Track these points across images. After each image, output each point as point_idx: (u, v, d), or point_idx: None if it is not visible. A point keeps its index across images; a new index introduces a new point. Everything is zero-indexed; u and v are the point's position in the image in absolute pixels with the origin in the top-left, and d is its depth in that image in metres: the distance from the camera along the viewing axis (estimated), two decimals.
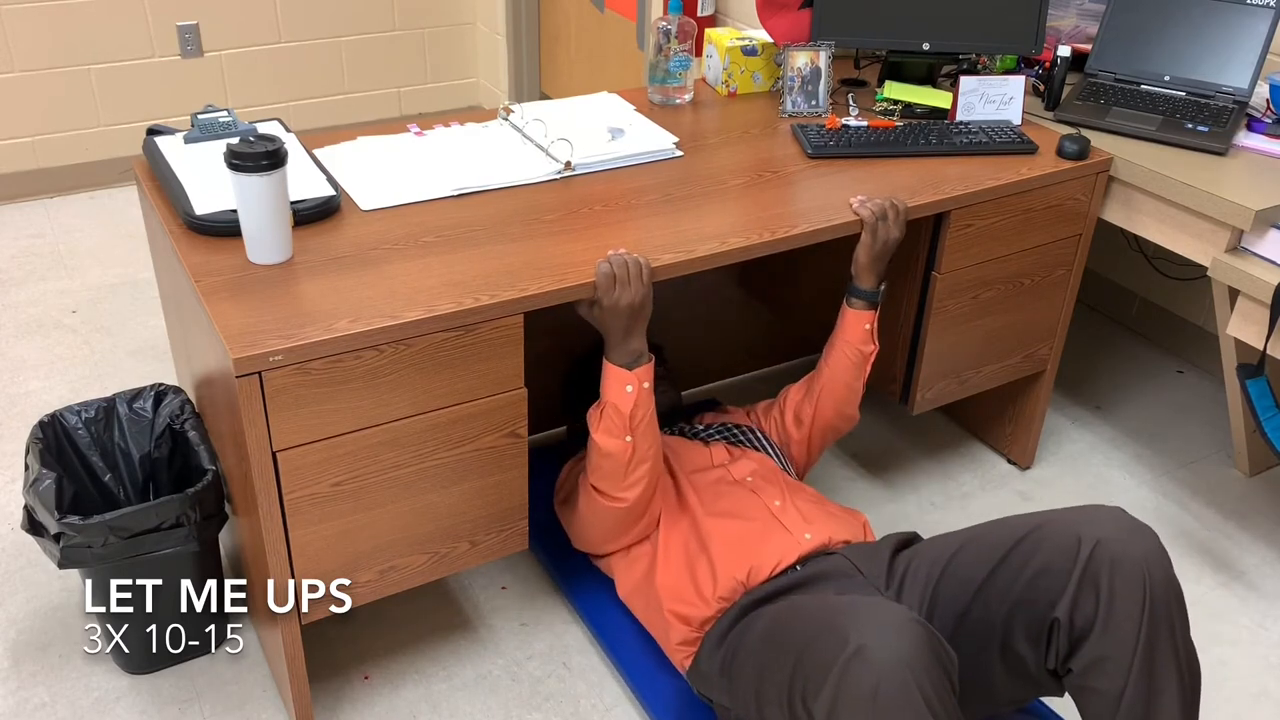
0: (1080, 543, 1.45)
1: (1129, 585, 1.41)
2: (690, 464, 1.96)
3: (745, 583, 1.72)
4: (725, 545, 1.77)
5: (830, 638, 1.36)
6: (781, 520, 1.80)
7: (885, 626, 1.33)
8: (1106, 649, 1.41)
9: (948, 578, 1.59)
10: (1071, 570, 1.44)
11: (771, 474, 1.94)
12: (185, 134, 1.92)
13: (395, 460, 1.62)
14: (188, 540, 1.78)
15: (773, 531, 1.78)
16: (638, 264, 1.65)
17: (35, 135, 3.67)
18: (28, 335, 2.91)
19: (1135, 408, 2.78)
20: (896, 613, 1.36)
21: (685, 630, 1.77)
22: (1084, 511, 1.51)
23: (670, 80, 2.26)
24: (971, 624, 1.55)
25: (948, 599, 1.58)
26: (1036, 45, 2.24)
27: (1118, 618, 1.41)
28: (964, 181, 1.99)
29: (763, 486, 1.89)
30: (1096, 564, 1.43)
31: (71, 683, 1.93)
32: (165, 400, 1.97)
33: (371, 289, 1.59)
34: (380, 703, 1.92)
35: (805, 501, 1.88)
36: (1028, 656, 1.50)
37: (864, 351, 1.95)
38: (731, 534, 1.79)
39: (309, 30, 3.98)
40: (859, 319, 1.94)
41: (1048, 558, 1.48)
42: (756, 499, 1.86)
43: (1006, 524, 1.58)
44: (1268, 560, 2.31)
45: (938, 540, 1.68)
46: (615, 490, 1.78)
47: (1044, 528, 1.51)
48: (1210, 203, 1.93)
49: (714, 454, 1.99)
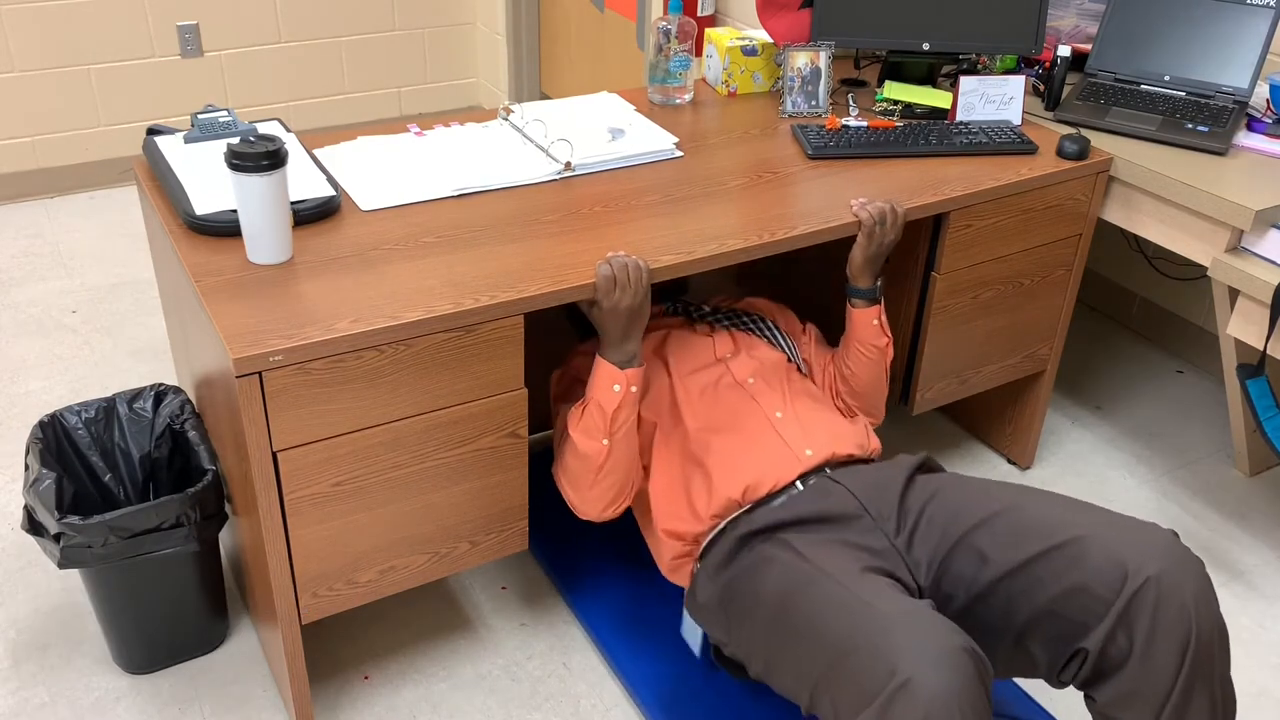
0: (1126, 576, 1.37)
1: (1173, 629, 1.35)
2: (688, 361, 1.86)
3: (741, 500, 1.66)
4: (720, 460, 1.70)
5: (871, 659, 1.29)
6: (781, 433, 1.72)
7: (934, 656, 1.26)
8: (1139, 687, 1.36)
9: (965, 547, 1.51)
10: (1112, 602, 1.38)
11: (775, 374, 1.84)
12: (185, 134, 1.92)
13: (395, 460, 1.62)
14: (188, 540, 1.78)
15: (771, 446, 1.70)
16: (638, 267, 1.65)
17: (35, 135, 3.67)
18: (28, 335, 2.91)
19: (1135, 408, 2.78)
20: (947, 638, 1.28)
21: (679, 545, 1.73)
22: (1135, 533, 1.42)
23: (670, 80, 2.26)
24: (988, 607, 1.48)
25: (961, 571, 1.51)
26: (1036, 45, 2.25)
27: (1156, 660, 1.35)
28: (964, 182, 2.00)
29: (763, 391, 1.80)
30: (1141, 602, 1.36)
31: (71, 683, 1.93)
32: (165, 400, 1.97)
33: (371, 289, 1.59)
34: (380, 703, 1.92)
35: (808, 408, 1.79)
36: (1040, 659, 1.46)
37: (879, 346, 1.92)
38: (727, 448, 1.71)
39: (309, 30, 3.98)
40: (866, 316, 1.91)
41: (1088, 578, 1.40)
42: (756, 407, 1.77)
43: (1044, 513, 1.49)
44: (1268, 560, 2.31)
45: (959, 490, 1.59)
46: (576, 495, 1.75)
47: (1087, 541, 1.43)
48: (1210, 203, 1.93)
49: (717, 345, 1.89)
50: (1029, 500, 1.53)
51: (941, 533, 1.54)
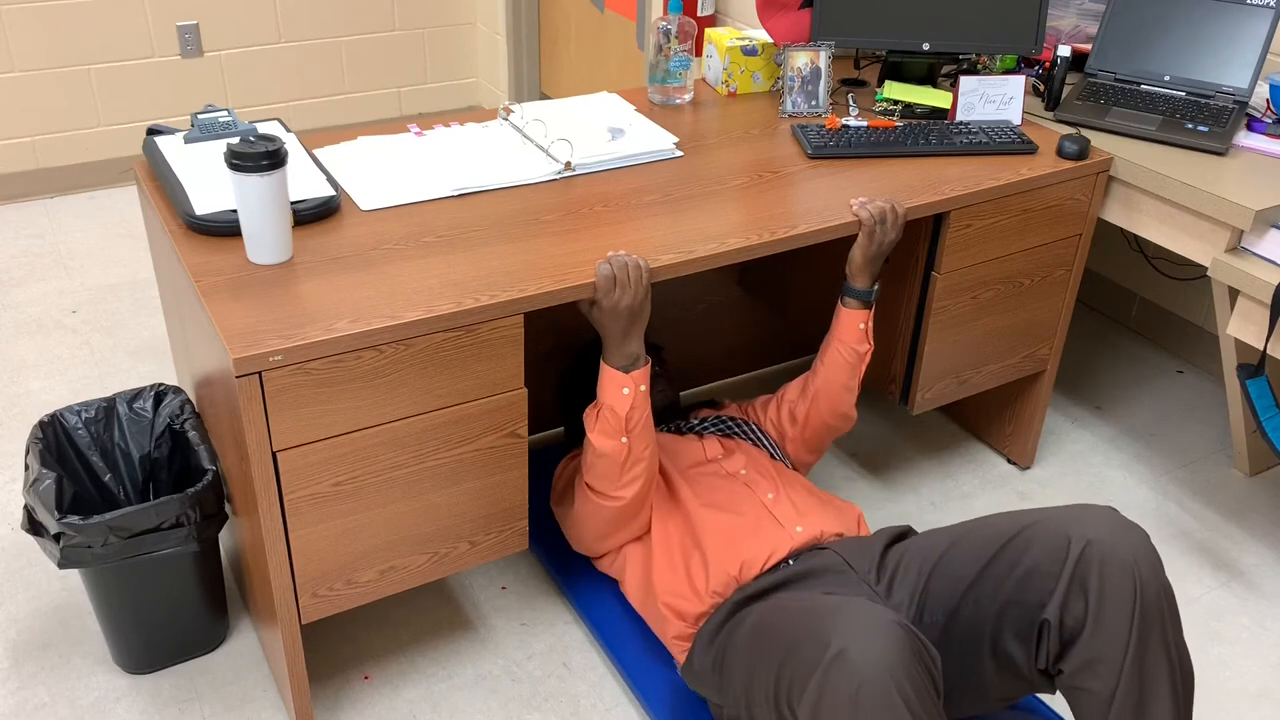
0: (1070, 543, 1.45)
1: (1119, 586, 1.41)
2: (683, 459, 1.97)
3: (738, 577, 1.73)
4: (717, 539, 1.78)
5: (813, 640, 1.36)
6: (774, 513, 1.81)
7: (867, 629, 1.33)
8: (1097, 650, 1.42)
9: (938, 575, 1.59)
10: (1061, 571, 1.45)
11: (765, 467, 1.94)
12: (185, 134, 1.92)
13: (395, 460, 1.62)
14: (188, 540, 1.78)
15: (765, 525, 1.79)
16: (638, 266, 1.65)
17: (35, 135, 3.67)
18: (28, 335, 2.91)
19: (1135, 408, 2.78)
20: (878, 614, 1.36)
21: (680, 625, 1.79)
22: (1074, 511, 1.51)
23: (670, 80, 2.26)
24: (962, 622, 1.55)
25: (938, 596, 1.58)
26: (1036, 45, 2.24)
27: (1108, 618, 1.41)
28: (964, 181, 2.00)
29: (756, 480, 1.90)
30: (1085, 564, 1.43)
31: (71, 683, 1.93)
32: (165, 400, 1.97)
33: (371, 289, 1.59)
34: (380, 703, 1.92)
35: (799, 494, 1.88)
36: (1018, 655, 1.50)
37: (859, 351, 1.95)
38: (724, 528, 1.79)
39: (309, 30, 3.98)
40: (854, 318, 1.94)
41: (1037, 557, 1.48)
42: (749, 492, 1.86)
43: (997, 521, 1.58)
44: (1267, 560, 2.31)
45: (929, 535, 1.68)
46: (610, 489, 1.79)
47: (1034, 527, 1.51)
48: (1210, 203, 1.93)
49: (707, 448, 2.00)
50: (987, 518, 1.62)
51: (917, 571, 1.63)
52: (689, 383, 2.70)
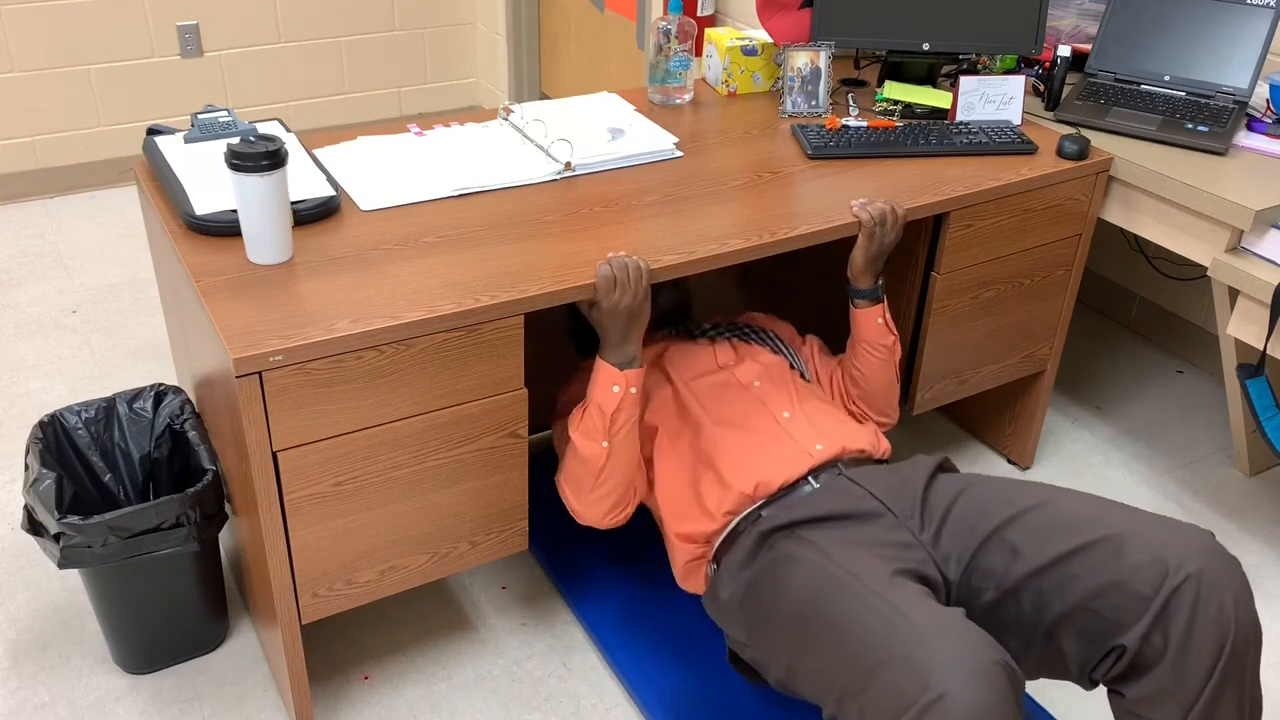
0: (1168, 572, 1.36)
1: (1210, 627, 1.34)
2: (690, 369, 1.86)
3: (753, 495, 1.65)
4: (730, 458, 1.69)
5: (903, 671, 1.26)
6: (790, 430, 1.72)
7: (968, 671, 1.23)
8: (1171, 686, 1.35)
9: (997, 542, 1.49)
10: (1152, 599, 1.36)
11: (780, 377, 1.84)
12: (185, 134, 1.92)
13: (395, 460, 1.62)
14: (188, 540, 1.78)
15: (780, 443, 1.69)
16: (638, 267, 1.65)
17: (35, 135, 3.67)
18: (28, 335, 2.91)
19: (1135, 408, 2.78)
20: (981, 652, 1.26)
21: (691, 548, 1.71)
22: (1174, 532, 1.41)
23: (670, 80, 2.26)
24: (1018, 603, 1.47)
25: (992, 566, 1.48)
26: (1036, 45, 2.25)
27: (1191, 659, 1.34)
28: (964, 182, 2.00)
29: (770, 393, 1.80)
30: (1179, 599, 1.34)
31: (71, 683, 1.93)
32: (165, 400, 1.97)
33: (372, 289, 1.59)
34: (380, 703, 1.92)
35: (816, 408, 1.79)
36: (1072, 656, 1.44)
37: (886, 344, 1.91)
38: (736, 445, 1.70)
39: (309, 30, 3.98)
40: (870, 316, 1.91)
41: (1125, 574, 1.38)
42: (763, 407, 1.77)
43: (1079, 509, 1.47)
44: (1268, 560, 2.31)
45: (987, 486, 1.57)
46: (578, 500, 1.75)
47: (1127, 537, 1.41)
48: (1210, 203, 1.93)
49: (718, 353, 1.89)
50: (1062, 496, 1.52)
51: (971, 527, 1.52)
52: None
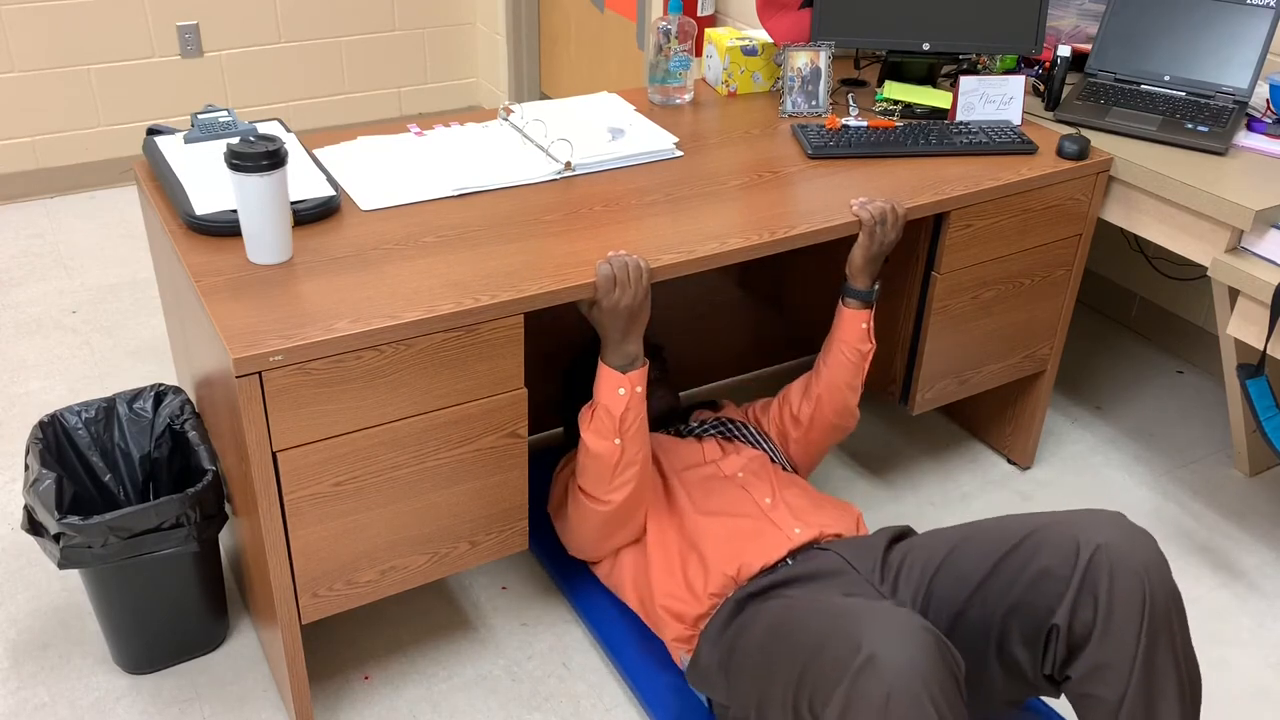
0: (1079, 548, 1.44)
1: (1128, 592, 1.40)
2: (680, 461, 1.96)
3: (736, 579, 1.73)
4: (715, 542, 1.77)
5: (839, 645, 1.34)
6: (771, 517, 1.81)
7: (896, 634, 1.31)
8: (1106, 656, 1.41)
9: (943, 575, 1.58)
10: (1070, 576, 1.43)
11: (763, 469, 1.94)
12: (185, 134, 1.92)
13: (395, 460, 1.62)
14: (188, 540, 1.78)
15: (762, 528, 1.78)
16: (638, 266, 1.65)
17: (35, 135, 3.67)
18: (28, 335, 2.91)
19: (1135, 408, 2.78)
20: (906, 619, 1.34)
21: (679, 628, 1.78)
22: (1083, 515, 1.50)
23: (670, 80, 2.26)
24: (967, 624, 1.54)
25: (943, 597, 1.58)
26: (1036, 45, 2.24)
27: (1117, 624, 1.40)
28: (964, 181, 2.00)
29: (753, 482, 1.89)
30: (1095, 570, 1.42)
31: (71, 683, 1.93)
32: (165, 400, 1.97)
33: (371, 289, 1.59)
34: (380, 703, 1.92)
35: (796, 496, 1.88)
36: (1024, 660, 1.49)
37: (862, 350, 1.95)
38: (721, 531, 1.79)
39: (309, 30, 3.98)
40: (855, 318, 1.94)
41: (1046, 562, 1.46)
42: (746, 495, 1.86)
43: (1004, 524, 1.57)
44: (1268, 560, 2.31)
45: (933, 535, 1.67)
46: (601, 492, 1.78)
47: (1042, 530, 1.50)
48: (1210, 203, 1.93)
49: (706, 450, 1.99)
50: (993, 520, 1.61)
51: (921, 570, 1.62)
52: (690, 383, 2.70)
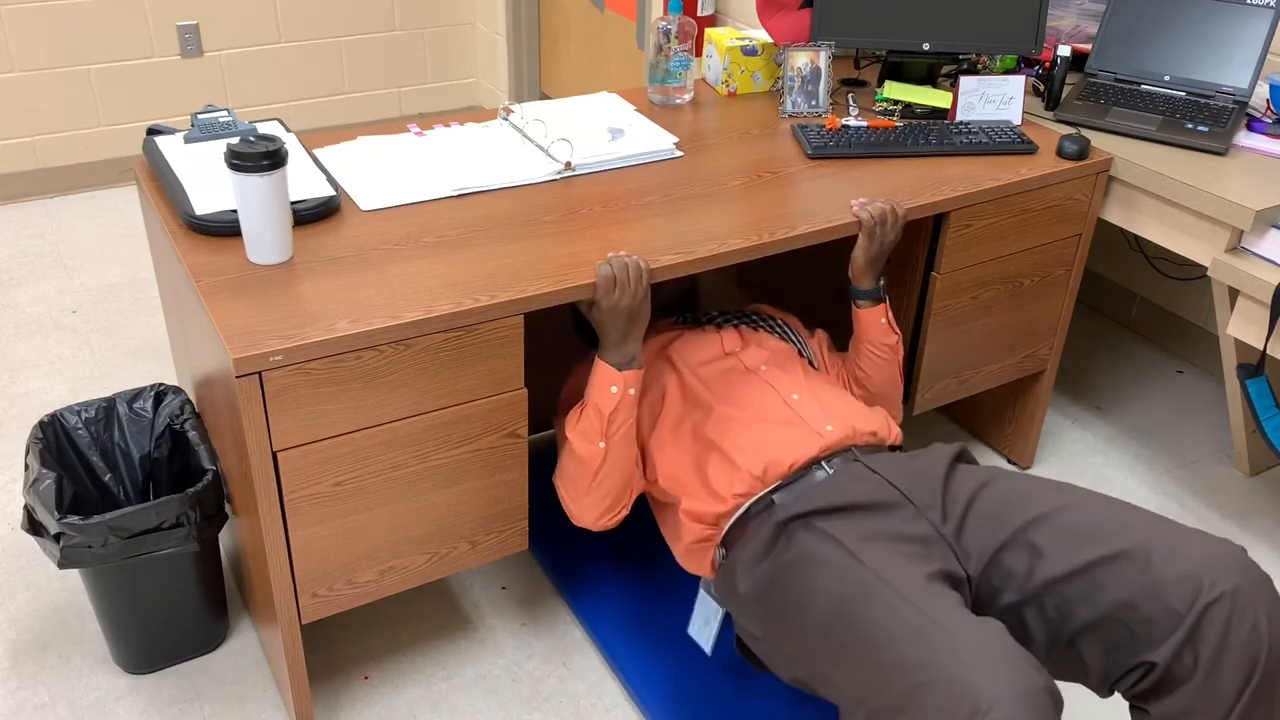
0: (1200, 589, 1.33)
1: (1243, 647, 1.31)
2: (696, 355, 1.84)
3: (763, 478, 1.61)
4: (737, 439, 1.66)
5: (950, 695, 1.23)
6: (799, 412, 1.68)
7: (1017, 698, 1.20)
8: (1199, 704, 1.33)
9: (1020, 544, 1.46)
10: (1184, 616, 1.33)
11: (788, 361, 1.82)
12: (185, 134, 1.92)
13: (395, 460, 1.62)
14: (188, 540, 1.78)
15: (790, 424, 1.66)
16: (638, 267, 1.65)
17: (35, 135, 3.67)
18: (28, 335, 2.91)
19: (1135, 408, 2.78)
20: (1029, 678, 1.23)
21: (699, 528, 1.67)
22: (1208, 549, 1.38)
23: (670, 80, 2.26)
24: (1040, 607, 1.44)
25: (1014, 567, 1.45)
26: (1036, 45, 2.24)
27: (1222, 678, 1.31)
28: (964, 182, 2.00)
29: (777, 376, 1.77)
30: (1213, 617, 1.32)
31: (71, 683, 1.93)
32: (165, 400, 1.97)
33: (371, 289, 1.59)
34: (380, 703, 1.92)
35: (825, 390, 1.76)
36: (1093, 665, 1.41)
37: (889, 344, 1.91)
38: (743, 427, 1.67)
39: (309, 30, 3.98)
40: (873, 316, 1.90)
41: (1156, 588, 1.35)
42: (771, 390, 1.74)
43: (1109, 516, 1.45)
44: (1268, 560, 2.31)
45: (1010, 483, 1.53)
46: (573, 500, 1.75)
47: (1156, 550, 1.38)
48: (1210, 203, 1.93)
49: (725, 340, 1.86)
50: (1086, 500, 1.49)
51: (993, 526, 1.48)
52: None
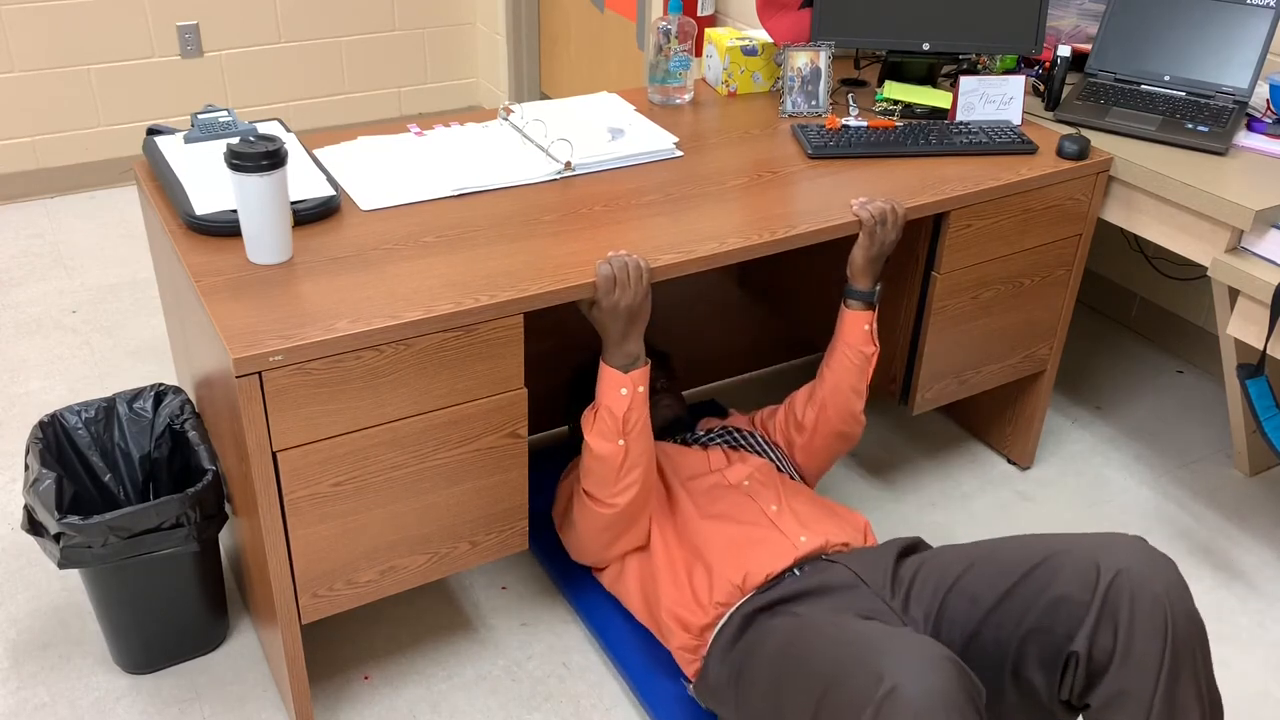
0: (1099, 572, 1.41)
1: (1150, 618, 1.38)
2: (686, 470, 1.96)
3: (741, 587, 1.71)
4: (720, 550, 1.76)
5: (861, 674, 1.32)
6: (777, 524, 1.80)
7: (917, 663, 1.29)
8: (1126, 683, 1.38)
9: (957, 594, 1.56)
10: (1090, 601, 1.41)
11: (769, 477, 1.93)
12: (185, 134, 1.92)
13: (395, 460, 1.62)
14: (188, 540, 1.78)
15: (768, 535, 1.77)
16: (638, 266, 1.65)
17: (35, 135, 3.67)
18: (28, 335, 2.91)
19: (1135, 408, 2.78)
20: (927, 648, 1.32)
21: (685, 636, 1.77)
22: (1102, 539, 1.47)
23: (670, 80, 2.26)
24: (982, 646, 1.52)
25: (955, 617, 1.55)
26: (1036, 45, 2.24)
27: (1138, 652, 1.37)
28: (964, 181, 2.00)
29: (759, 490, 1.88)
30: (1116, 595, 1.39)
31: (71, 683, 1.93)
32: (165, 400, 1.97)
33: (371, 289, 1.59)
34: (380, 703, 1.92)
35: (803, 504, 1.87)
36: (1040, 684, 1.46)
37: (865, 353, 1.95)
38: (726, 539, 1.78)
39: (309, 30, 3.98)
40: (858, 320, 1.93)
41: (1065, 586, 1.44)
42: (752, 503, 1.85)
43: (1021, 544, 1.54)
44: (1268, 560, 2.31)
45: (946, 552, 1.65)
46: (606, 495, 1.78)
47: (1061, 554, 1.47)
48: (1210, 203, 1.93)
49: (711, 459, 1.98)
50: (1009, 540, 1.59)
51: (934, 588, 1.60)
52: (690, 383, 2.69)
